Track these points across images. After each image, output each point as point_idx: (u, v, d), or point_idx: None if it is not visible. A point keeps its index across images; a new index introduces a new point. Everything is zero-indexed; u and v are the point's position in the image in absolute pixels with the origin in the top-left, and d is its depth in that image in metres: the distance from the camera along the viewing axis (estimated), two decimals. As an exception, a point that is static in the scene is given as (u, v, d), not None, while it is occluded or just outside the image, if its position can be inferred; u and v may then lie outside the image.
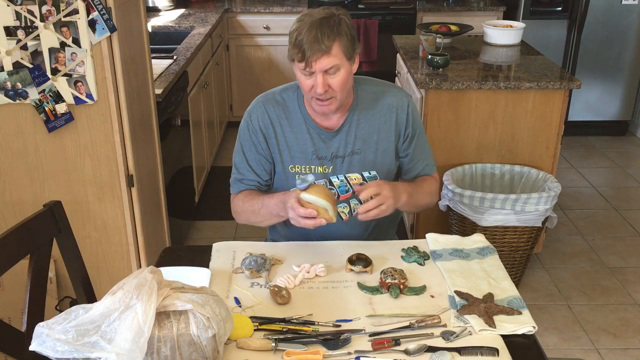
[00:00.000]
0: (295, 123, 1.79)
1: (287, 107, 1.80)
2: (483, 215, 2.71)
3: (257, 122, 1.80)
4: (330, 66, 1.62)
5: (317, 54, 1.60)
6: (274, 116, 1.80)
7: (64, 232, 1.57)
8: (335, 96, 1.67)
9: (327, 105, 1.69)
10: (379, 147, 1.81)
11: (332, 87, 1.65)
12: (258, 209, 1.79)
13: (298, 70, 1.68)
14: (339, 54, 1.63)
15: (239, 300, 1.49)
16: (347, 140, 1.79)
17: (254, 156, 1.83)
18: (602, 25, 4.53)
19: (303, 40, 1.60)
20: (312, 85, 1.66)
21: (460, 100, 2.88)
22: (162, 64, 3.10)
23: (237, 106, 4.91)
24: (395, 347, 1.32)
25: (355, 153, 1.79)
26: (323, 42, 1.59)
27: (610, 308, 2.87)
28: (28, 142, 2.22)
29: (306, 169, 1.79)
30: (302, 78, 1.68)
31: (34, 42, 2.06)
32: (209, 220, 3.65)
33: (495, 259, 1.66)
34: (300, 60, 1.63)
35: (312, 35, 1.60)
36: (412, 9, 4.67)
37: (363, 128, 1.79)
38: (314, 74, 1.64)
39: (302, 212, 1.57)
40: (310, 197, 1.57)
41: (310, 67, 1.62)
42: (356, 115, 1.79)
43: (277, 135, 1.80)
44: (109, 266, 2.43)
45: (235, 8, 4.73)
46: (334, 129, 1.79)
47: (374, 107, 1.80)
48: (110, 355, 1.10)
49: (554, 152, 2.99)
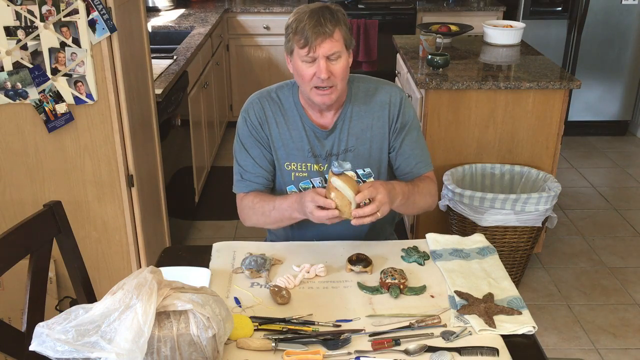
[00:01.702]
0: (292, 120, 1.79)
1: (283, 104, 1.80)
2: (483, 215, 2.71)
3: (255, 117, 1.80)
4: (333, 51, 1.63)
5: (321, 37, 1.61)
6: (270, 113, 1.80)
7: (64, 232, 1.57)
8: (336, 85, 1.67)
9: (327, 95, 1.67)
10: (373, 145, 1.80)
11: (334, 74, 1.65)
12: (269, 211, 1.74)
13: (298, 60, 1.67)
14: (341, 40, 1.65)
15: (239, 300, 1.49)
16: (341, 138, 1.79)
17: (258, 151, 1.81)
18: (602, 25, 4.53)
19: (305, 26, 1.61)
20: (313, 73, 1.65)
21: (460, 100, 2.88)
22: (162, 64, 3.10)
23: (237, 106, 4.91)
24: (395, 347, 1.32)
25: (349, 150, 1.79)
26: (326, 25, 1.61)
27: (610, 308, 2.87)
28: (28, 142, 2.22)
29: (302, 167, 1.79)
30: (302, 67, 1.66)
31: (34, 42, 2.06)
32: (209, 220, 3.65)
33: (495, 259, 1.66)
34: (303, 47, 1.63)
35: (315, 20, 1.61)
36: (412, 9, 4.67)
37: (356, 125, 1.79)
38: (316, 61, 1.63)
39: (321, 201, 1.52)
40: (340, 184, 1.51)
41: (313, 52, 1.62)
42: (349, 113, 1.78)
43: (272, 132, 1.79)
44: (109, 266, 2.43)
45: (235, 8, 4.73)
46: (328, 127, 1.79)
47: (367, 104, 1.79)
48: (110, 355, 1.10)
49: (554, 152, 2.99)
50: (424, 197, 1.80)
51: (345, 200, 1.51)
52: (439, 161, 2.94)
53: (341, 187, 1.50)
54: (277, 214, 1.72)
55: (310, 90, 1.69)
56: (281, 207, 1.70)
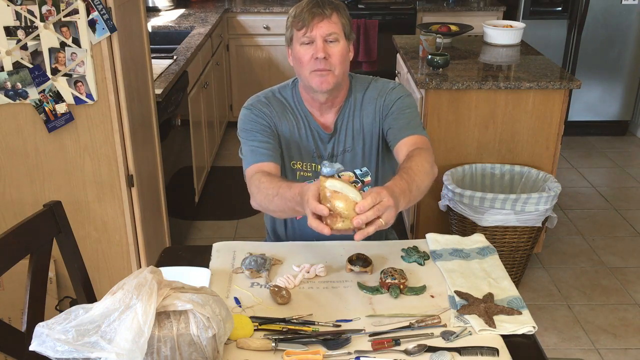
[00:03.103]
0: (300, 119, 1.78)
1: (289, 103, 1.80)
2: (483, 215, 2.71)
3: (262, 110, 1.76)
4: (330, 32, 1.64)
5: (318, 17, 1.63)
6: (280, 109, 1.78)
7: (64, 232, 1.57)
8: (333, 69, 1.67)
9: (325, 77, 1.66)
10: (366, 142, 1.80)
11: (331, 56, 1.66)
12: (272, 196, 1.54)
13: (297, 45, 1.68)
14: (339, 24, 1.66)
15: (239, 300, 1.49)
16: (339, 139, 1.79)
17: (266, 133, 1.73)
18: (602, 25, 4.53)
19: (303, 9, 1.65)
20: (311, 54, 1.66)
21: (460, 100, 2.88)
22: (162, 64, 3.10)
23: (237, 106, 4.89)
24: (395, 347, 1.32)
25: (346, 151, 1.80)
26: (324, 7, 1.65)
27: (610, 308, 2.87)
28: (28, 142, 2.22)
29: (308, 167, 1.79)
30: (300, 51, 1.67)
31: (34, 42, 2.06)
32: (209, 220, 3.65)
33: (495, 259, 1.66)
34: (300, 28, 1.65)
35: (314, 3, 1.65)
36: (412, 9, 4.67)
37: (352, 125, 1.79)
38: (314, 42, 1.65)
39: (313, 206, 1.30)
40: (337, 185, 1.29)
41: (310, 31, 1.64)
42: (347, 113, 1.79)
43: (283, 129, 1.77)
44: (109, 266, 2.43)
45: (235, 8, 4.73)
46: (330, 128, 1.79)
47: (360, 103, 1.80)
48: (110, 355, 1.10)
49: (554, 152, 2.99)
50: (423, 177, 1.53)
51: (349, 201, 1.29)
52: (439, 161, 2.91)
53: (339, 188, 1.30)
54: (280, 201, 1.53)
55: (309, 74, 1.68)
56: (284, 196, 1.51)
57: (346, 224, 1.29)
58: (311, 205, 1.30)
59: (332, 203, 1.29)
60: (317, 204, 1.30)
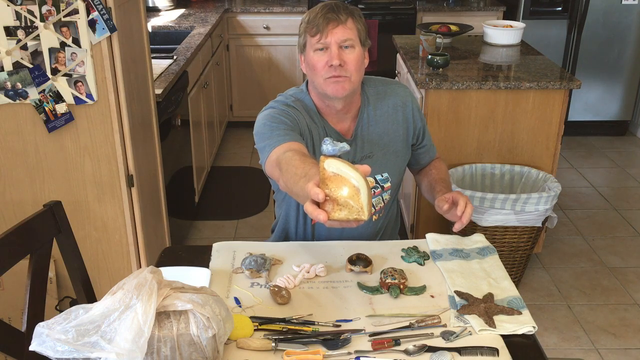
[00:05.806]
0: (318, 127, 1.73)
1: (309, 110, 1.74)
2: (483, 215, 2.71)
3: (285, 110, 1.68)
4: (345, 38, 1.60)
5: (333, 23, 1.59)
6: (305, 114, 1.72)
7: (64, 232, 1.57)
8: (349, 76, 1.63)
9: (341, 83, 1.62)
10: (389, 149, 1.79)
11: (347, 63, 1.61)
12: (299, 177, 1.29)
13: (310, 51, 1.64)
14: (354, 30, 1.62)
15: (239, 300, 1.49)
16: (358, 145, 1.76)
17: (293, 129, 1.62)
18: (602, 25, 4.53)
19: (318, 15, 1.60)
20: (325, 61, 1.61)
21: (460, 100, 2.88)
22: (162, 64, 3.10)
23: (237, 106, 4.91)
24: (395, 347, 1.32)
25: (367, 157, 1.77)
26: (340, 13, 1.60)
27: (610, 308, 2.87)
28: (28, 142, 2.22)
29: None
30: (314, 58, 1.63)
31: (34, 42, 2.06)
32: (209, 220, 3.65)
33: (495, 259, 1.66)
34: (314, 34, 1.61)
35: (328, 8, 1.61)
36: (412, 9, 4.67)
37: (373, 131, 1.77)
38: (329, 49, 1.61)
39: (308, 188, 1.12)
40: (337, 165, 1.09)
41: (325, 37, 1.60)
42: (365, 119, 1.76)
43: (305, 132, 1.70)
44: (109, 266, 2.43)
45: (235, 8, 4.73)
46: (348, 135, 1.75)
47: (380, 108, 1.78)
48: (110, 355, 1.10)
49: (554, 152, 2.99)
50: (448, 177, 1.91)
51: (351, 186, 1.09)
52: (439, 161, 2.94)
53: (342, 170, 1.09)
54: (288, 176, 1.35)
55: (323, 82, 1.64)
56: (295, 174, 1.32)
57: (348, 214, 1.10)
58: (307, 187, 1.13)
59: (332, 188, 1.10)
60: (313, 186, 1.11)
